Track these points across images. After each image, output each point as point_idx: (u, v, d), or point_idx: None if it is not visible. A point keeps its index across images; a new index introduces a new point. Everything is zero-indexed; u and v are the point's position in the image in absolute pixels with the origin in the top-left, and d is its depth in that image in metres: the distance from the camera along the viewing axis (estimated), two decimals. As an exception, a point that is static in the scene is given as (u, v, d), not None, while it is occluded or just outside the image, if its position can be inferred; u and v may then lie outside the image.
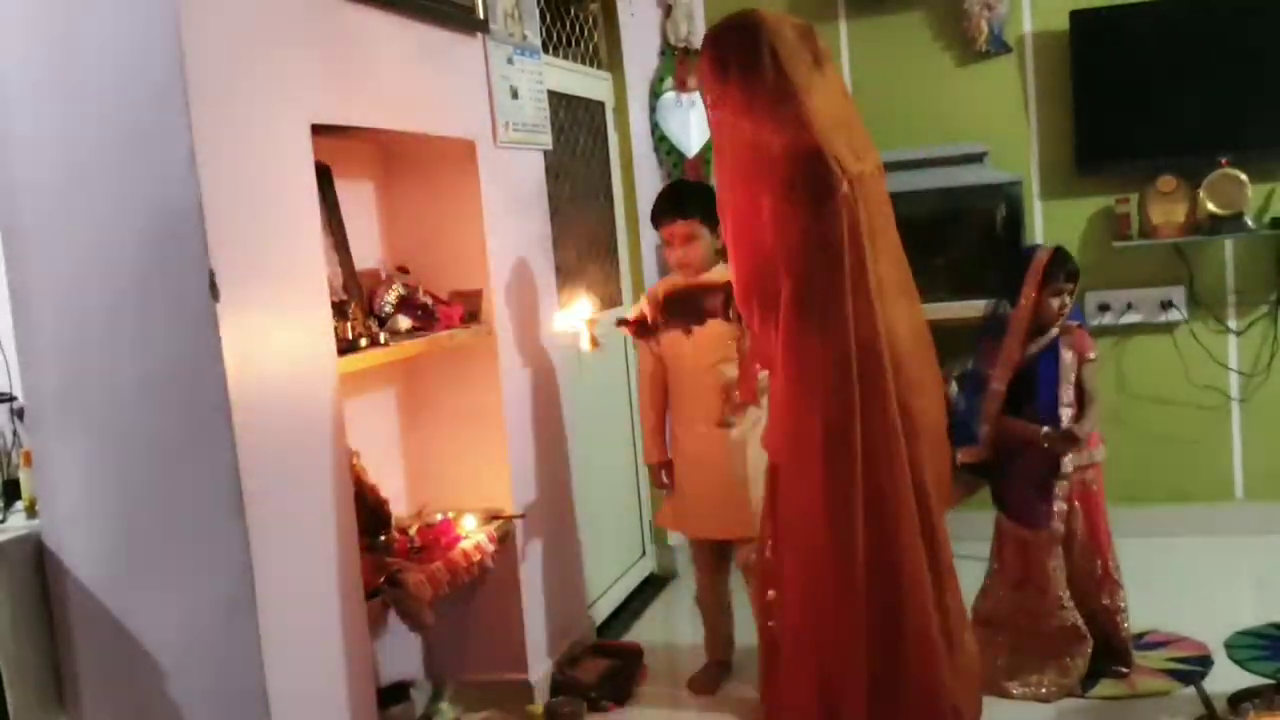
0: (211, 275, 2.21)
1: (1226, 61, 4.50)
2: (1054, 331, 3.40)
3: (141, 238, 2.23)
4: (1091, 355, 3.42)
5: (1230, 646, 3.55)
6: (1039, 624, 3.35)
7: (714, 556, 3.68)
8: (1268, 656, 3.46)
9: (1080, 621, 3.34)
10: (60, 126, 2.26)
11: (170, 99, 2.18)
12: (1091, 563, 3.39)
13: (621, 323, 3.52)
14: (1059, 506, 3.32)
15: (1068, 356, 3.37)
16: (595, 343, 3.39)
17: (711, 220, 3.34)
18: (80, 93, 2.24)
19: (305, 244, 2.55)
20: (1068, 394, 3.36)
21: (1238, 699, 3.12)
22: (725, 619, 3.73)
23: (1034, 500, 3.36)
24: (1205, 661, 3.49)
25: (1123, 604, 3.43)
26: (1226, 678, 3.33)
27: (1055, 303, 3.39)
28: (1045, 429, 3.33)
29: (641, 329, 3.45)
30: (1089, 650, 3.33)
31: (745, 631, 3.56)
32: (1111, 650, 3.41)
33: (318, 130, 2.62)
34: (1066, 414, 3.34)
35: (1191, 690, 3.31)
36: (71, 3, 2.23)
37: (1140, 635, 3.59)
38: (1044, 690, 3.31)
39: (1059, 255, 3.44)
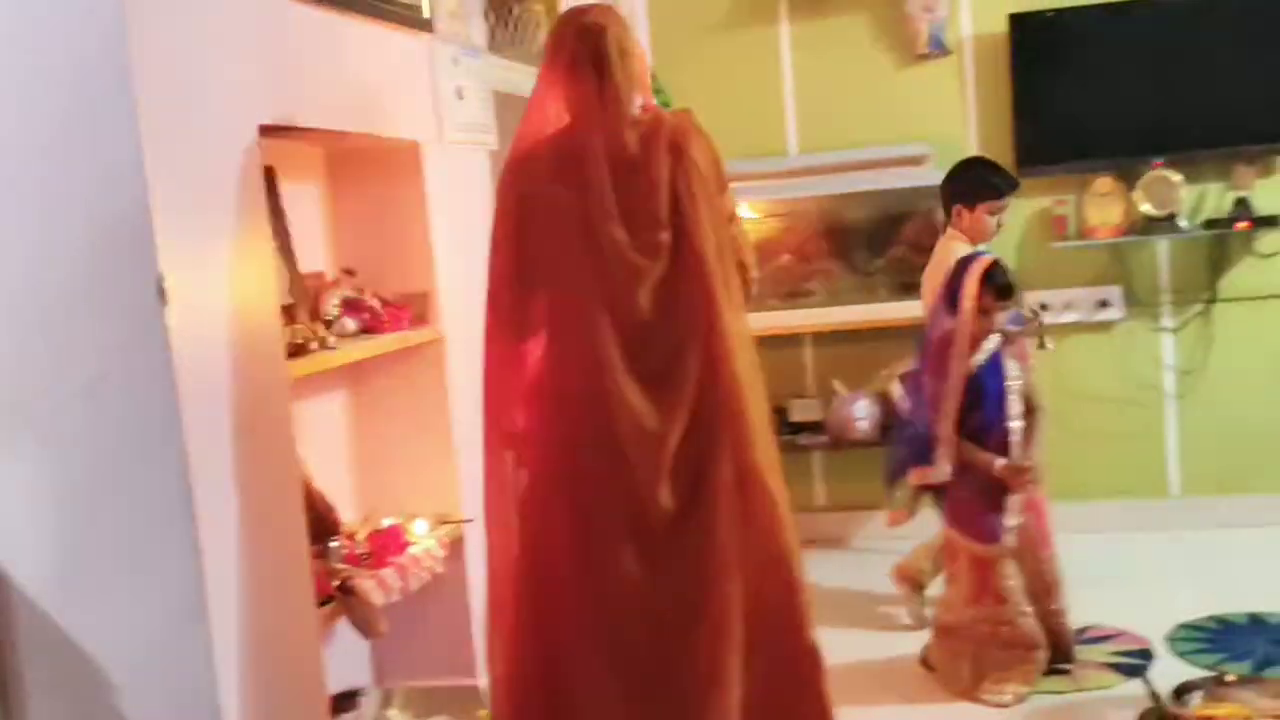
0: (160, 279, 2.15)
1: (1161, 66, 4.60)
2: (996, 340, 3.40)
3: (86, 242, 2.16)
4: (1031, 362, 3.46)
5: (1171, 640, 3.62)
6: (999, 632, 3.37)
7: None
8: (1208, 649, 3.54)
9: (1039, 629, 3.38)
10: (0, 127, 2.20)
11: (117, 99, 2.12)
12: (1038, 566, 3.43)
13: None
14: (1012, 521, 3.34)
15: (1013, 370, 3.38)
16: None
17: None
18: (21, 93, 2.17)
19: (254, 247, 2.51)
20: (1016, 406, 3.37)
21: (1180, 691, 3.18)
22: None
23: (986, 515, 3.37)
24: (1146, 655, 3.55)
25: (1064, 604, 3.49)
26: (1168, 671, 3.40)
27: (991, 321, 3.40)
28: (1000, 461, 3.35)
29: None
30: (1045, 658, 3.37)
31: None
32: (1055, 648, 3.45)
33: (261, 131, 2.58)
34: (1017, 428, 3.36)
35: (1135, 684, 3.37)
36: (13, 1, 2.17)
37: (1082, 630, 3.65)
38: (1008, 696, 3.34)
39: (991, 273, 3.42)
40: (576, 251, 2.67)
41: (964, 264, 3.48)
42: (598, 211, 2.63)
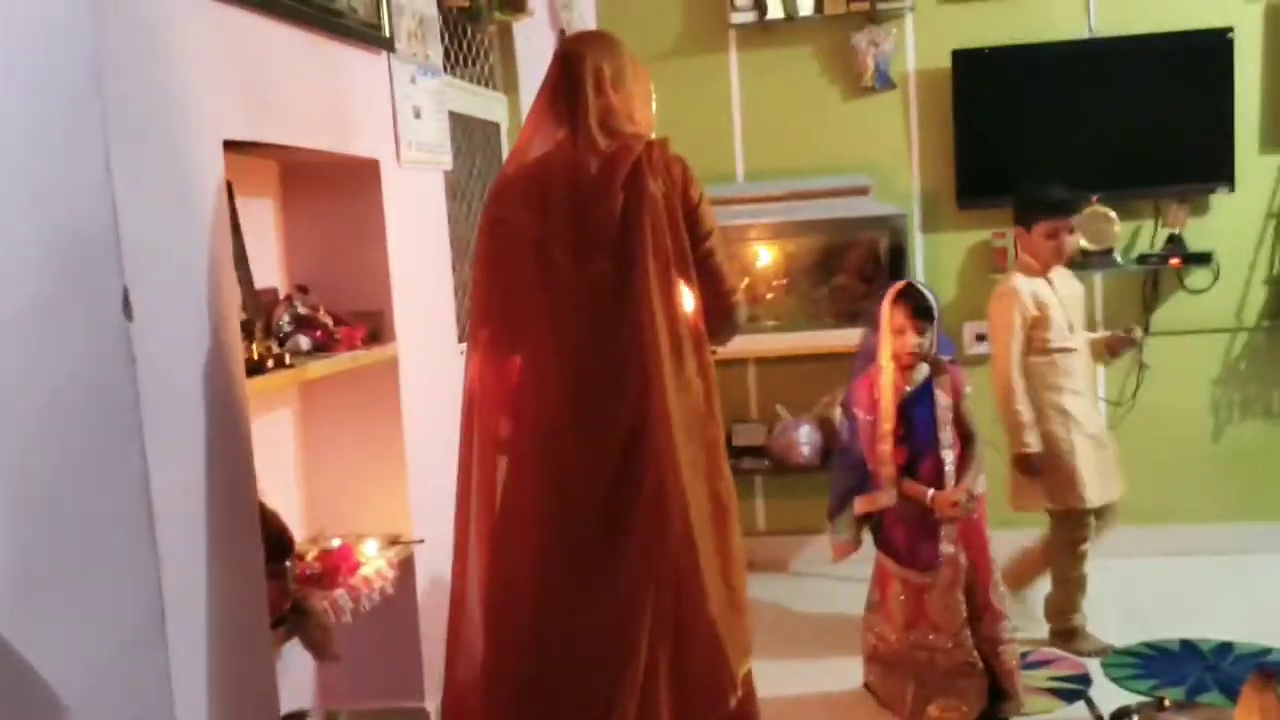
0: (125, 293, 2.13)
1: (1098, 104, 4.73)
2: (926, 369, 3.45)
3: (50, 253, 2.13)
4: (967, 390, 3.49)
5: (1107, 665, 3.71)
6: (935, 659, 3.40)
7: None
8: (1142, 675, 3.62)
9: (976, 656, 3.38)
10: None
11: (86, 109, 2.10)
12: (973, 593, 3.44)
13: None
14: (946, 549, 3.38)
15: (943, 400, 3.41)
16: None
17: None
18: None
19: (217, 262, 2.49)
20: (948, 436, 3.40)
21: (1117, 716, 3.25)
22: None
23: (921, 543, 3.41)
24: (1084, 680, 3.63)
25: (1007, 635, 3.45)
26: (1104, 696, 3.47)
27: (907, 343, 3.41)
28: (931, 492, 3.38)
29: None
30: (984, 686, 3.39)
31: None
32: (996, 675, 3.43)
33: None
34: (949, 457, 3.39)
35: (1075, 708, 3.44)
36: (-19, 8, 2.14)
37: (1022, 655, 3.70)
38: (956, 715, 3.38)
39: (904, 295, 3.47)
40: (533, 276, 2.69)
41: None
42: (550, 237, 2.66)
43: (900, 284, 3.51)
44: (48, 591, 2.20)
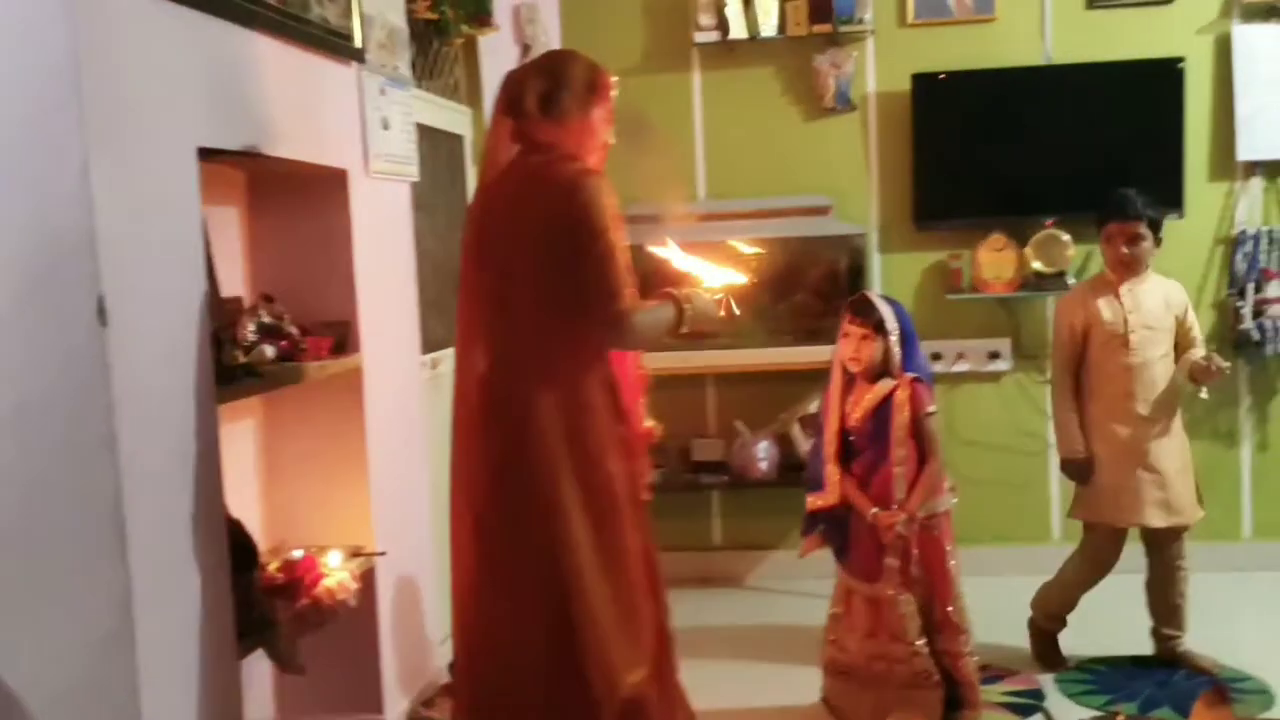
0: (101, 299, 2.12)
1: (1054, 130, 4.83)
2: (888, 384, 3.49)
3: (28, 258, 2.10)
4: (931, 409, 3.49)
5: (1060, 681, 3.76)
6: (893, 669, 3.43)
7: None
8: (1095, 691, 3.68)
9: (933, 668, 3.42)
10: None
11: (64, 116, 2.09)
12: (930, 607, 3.47)
13: None
14: (890, 562, 3.41)
15: (900, 416, 3.43)
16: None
17: None
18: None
19: (190, 269, 2.48)
20: (899, 453, 3.43)
21: (1071, 731, 3.30)
22: None
23: (873, 555, 3.45)
24: (1038, 695, 3.68)
25: (966, 648, 3.49)
26: (1058, 711, 3.52)
27: (850, 346, 3.49)
28: (874, 510, 3.43)
29: None
30: (940, 698, 3.42)
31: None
32: (952, 691, 3.46)
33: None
34: (899, 472, 3.43)
35: (1028, 723, 3.49)
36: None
37: (981, 669, 3.73)
38: None
39: (850, 301, 3.57)
40: (464, 286, 2.90)
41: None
42: (462, 250, 2.90)
43: (853, 297, 3.59)
44: (18, 594, 2.17)
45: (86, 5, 2.12)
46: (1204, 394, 3.86)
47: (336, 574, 3.13)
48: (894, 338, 3.46)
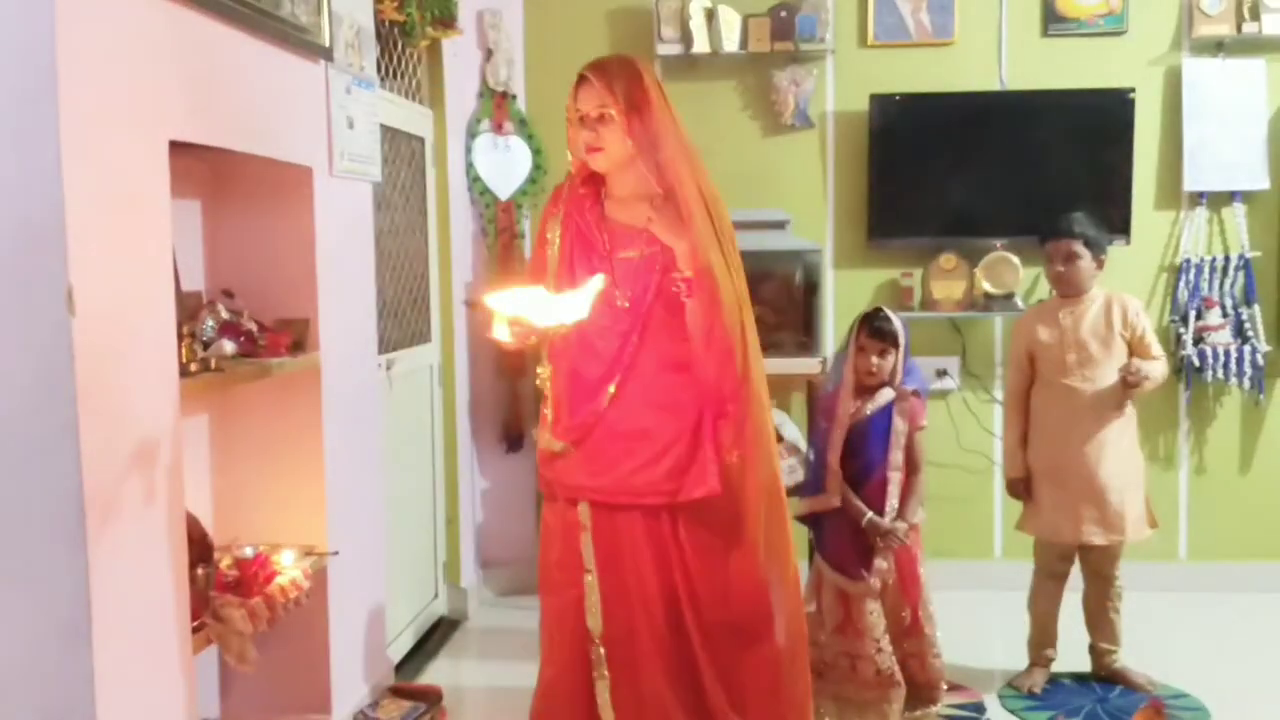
0: (70, 289, 2.10)
1: (1007, 154, 4.91)
2: (889, 394, 3.57)
3: (-6, 245, 2.10)
4: (924, 424, 3.59)
5: (1003, 698, 3.83)
6: (858, 667, 3.50)
7: None
8: (1038, 707, 3.75)
9: (896, 667, 3.51)
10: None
11: (40, 106, 2.07)
12: (899, 610, 3.57)
13: None
14: (880, 565, 3.49)
15: (899, 424, 3.53)
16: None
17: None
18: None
19: (156, 263, 2.46)
20: (897, 459, 3.52)
21: (1013, 745, 3.36)
22: None
23: (854, 552, 3.52)
24: (980, 709, 3.74)
25: (932, 650, 3.63)
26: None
27: (867, 361, 3.57)
28: (868, 516, 3.50)
29: None
30: (903, 695, 3.50)
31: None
32: (917, 692, 3.59)
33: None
34: (895, 478, 3.51)
35: (971, 736, 3.55)
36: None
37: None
38: None
39: (868, 315, 3.65)
40: None
41: None
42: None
43: (866, 311, 3.68)
44: (-30, 588, 2.15)
45: (64, -8, 2.11)
46: (1129, 407, 3.90)
47: (289, 572, 3.12)
48: (903, 352, 3.58)
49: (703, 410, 2.82)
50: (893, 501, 3.50)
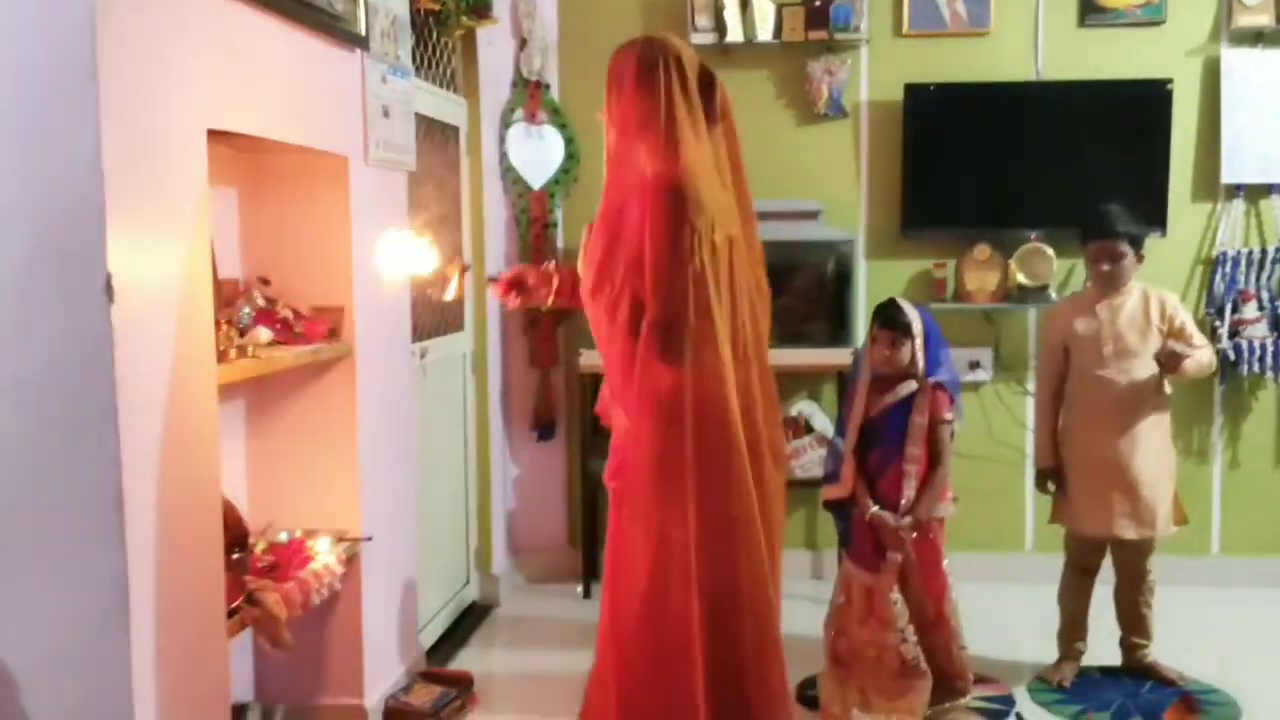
0: (109, 276, 2.13)
1: (1042, 145, 4.87)
2: (911, 386, 3.56)
3: (34, 233, 2.13)
4: (948, 417, 3.55)
5: (1033, 690, 3.82)
6: (884, 657, 3.50)
7: None
8: (1067, 700, 3.74)
9: (921, 657, 3.51)
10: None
11: (79, 83, 2.10)
12: (923, 603, 3.56)
13: None
14: (893, 557, 3.48)
15: (917, 417, 3.51)
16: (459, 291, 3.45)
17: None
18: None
19: (194, 250, 2.49)
20: (914, 452, 3.49)
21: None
22: None
23: (874, 547, 3.52)
24: (1009, 702, 3.74)
25: (957, 642, 3.63)
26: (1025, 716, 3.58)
27: (880, 352, 3.56)
28: (873, 510, 3.50)
29: None
30: (929, 686, 3.50)
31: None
32: (945, 683, 3.58)
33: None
34: (911, 471, 3.50)
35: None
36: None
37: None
38: None
39: (880, 306, 3.65)
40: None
41: None
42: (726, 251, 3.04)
43: (886, 299, 3.68)
44: (13, 567, 2.20)
45: (106, -17, 2.14)
46: (1164, 400, 3.88)
47: (323, 557, 3.16)
48: (919, 341, 3.54)
49: None
50: (908, 494, 3.49)
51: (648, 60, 2.89)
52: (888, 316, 3.58)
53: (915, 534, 3.49)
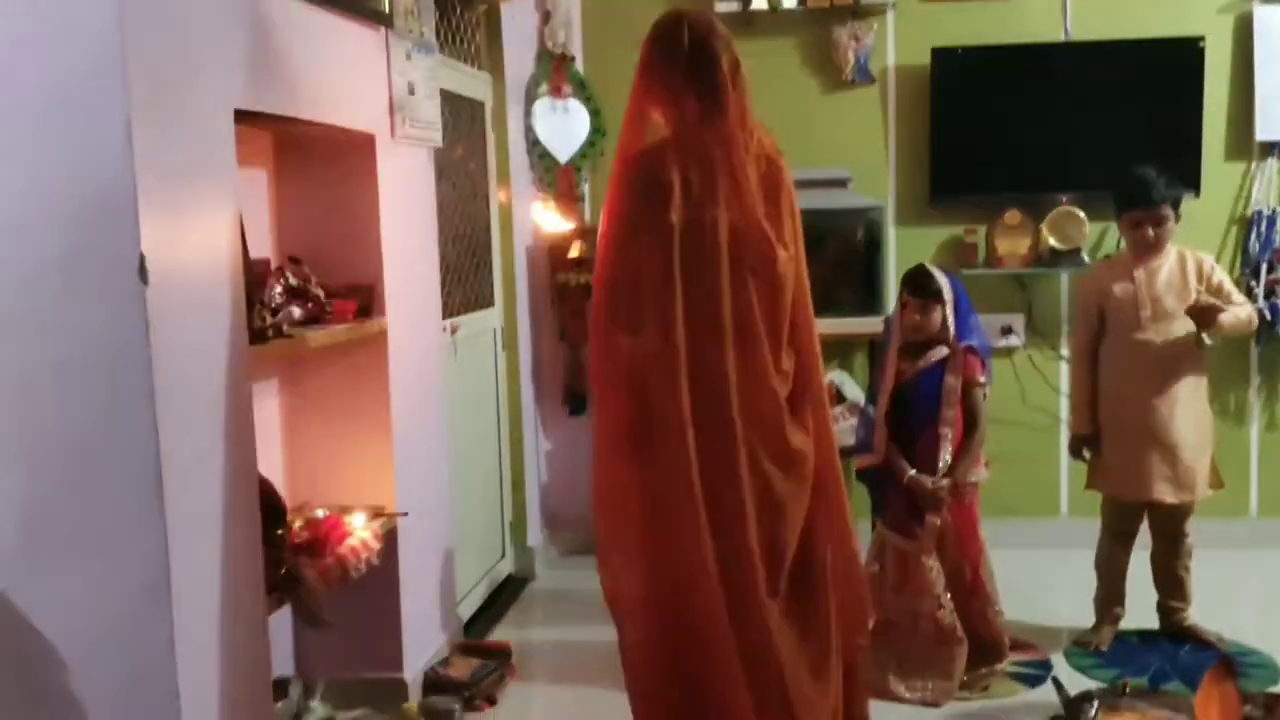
0: (142, 258, 2.15)
1: (1071, 107, 4.83)
2: (942, 351, 3.56)
3: (66, 215, 2.15)
4: (981, 379, 3.57)
5: (1070, 655, 3.82)
6: (921, 624, 3.52)
7: None
8: (1104, 664, 3.74)
9: (957, 623, 3.52)
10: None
11: (106, 69, 2.11)
12: (960, 569, 3.58)
13: None
14: (932, 521, 3.49)
15: (950, 380, 3.53)
16: None
17: None
18: (6, 53, 2.14)
19: (225, 230, 2.51)
20: (948, 415, 3.51)
21: (1080, 699, 3.34)
22: None
23: (907, 510, 3.54)
24: (1046, 666, 3.73)
25: (994, 607, 3.65)
26: (1068, 682, 3.56)
27: (910, 316, 3.58)
28: (911, 473, 3.52)
29: None
30: (965, 652, 3.52)
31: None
32: (982, 648, 3.60)
33: (233, 116, 2.58)
34: (946, 434, 3.51)
35: (1038, 691, 3.54)
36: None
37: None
38: (930, 693, 3.50)
39: (909, 272, 3.67)
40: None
41: None
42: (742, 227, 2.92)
43: (916, 266, 3.70)
44: (58, 549, 2.23)
45: (131, -33, 2.15)
46: (1208, 340, 3.85)
47: (359, 533, 3.19)
48: (949, 306, 3.55)
49: None
50: (945, 457, 3.50)
51: (652, 36, 2.87)
52: (917, 283, 3.59)
53: (952, 497, 3.50)
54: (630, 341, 2.77)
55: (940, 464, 3.50)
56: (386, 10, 3.36)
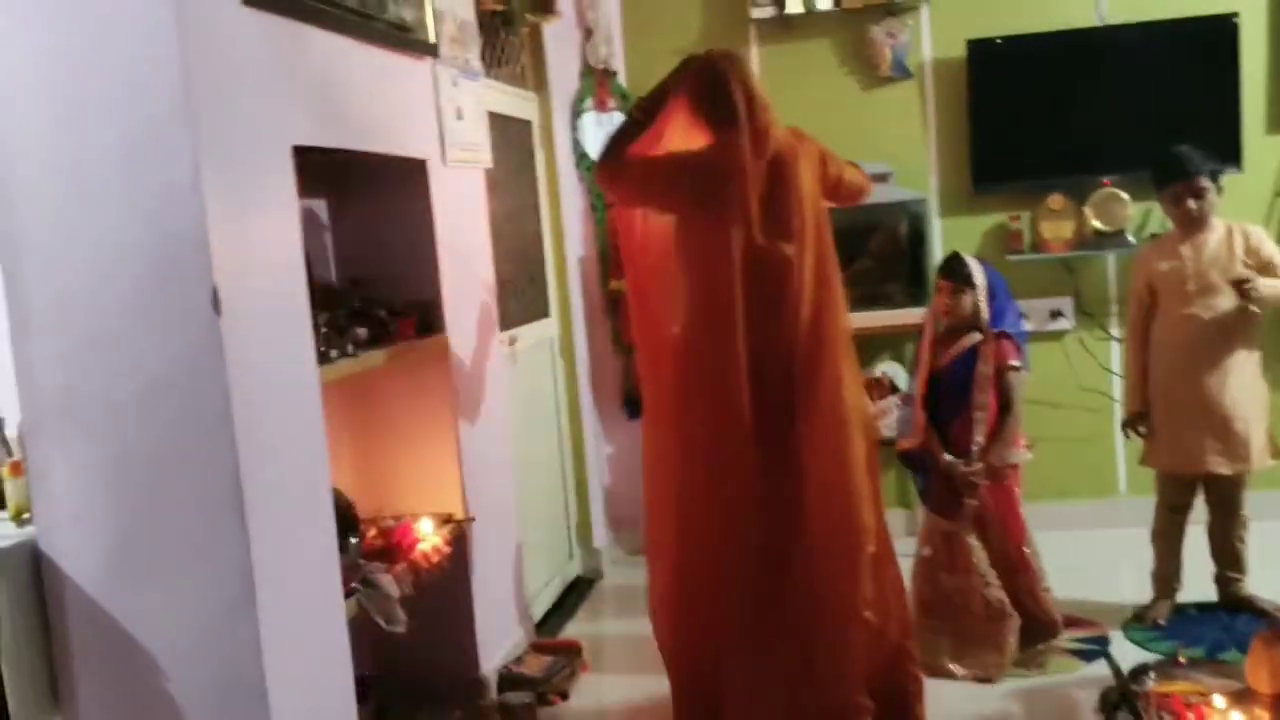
0: (215, 290, 2.33)
1: (1110, 89, 4.88)
2: (976, 337, 3.66)
3: (144, 253, 2.33)
4: (1014, 362, 3.66)
5: (1128, 630, 3.88)
6: (970, 603, 3.62)
7: None
8: (1162, 637, 3.80)
9: (1005, 599, 3.62)
10: (65, 142, 2.35)
11: (174, 118, 2.29)
12: (1005, 548, 3.68)
13: None
14: (970, 502, 3.60)
15: (983, 366, 3.63)
16: None
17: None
18: (85, 109, 2.33)
19: (289, 260, 2.68)
20: (981, 399, 3.61)
21: (1136, 672, 3.41)
22: None
23: (951, 495, 3.65)
24: (1104, 642, 3.80)
25: (1042, 583, 3.74)
26: (1125, 657, 3.64)
27: (943, 301, 3.71)
28: (947, 458, 3.64)
29: None
30: (1017, 627, 3.61)
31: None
32: (1035, 625, 3.69)
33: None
34: (980, 418, 3.61)
35: (1094, 666, 3.61)
36: (79, 22, 2.32)
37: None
38: (984, 669, 3.60)
39: (943, 260, 3.81)
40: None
41: None
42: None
43: (951, 253, 3.85)
44: (150, 566, 2.43)
45: (193, 21, 2.32)
46: (1252, 334, 3.88)
47: (430, 539, 3.35)
48: (981, 293, 3.63)
49: None
50: (978, 439, 3.59)
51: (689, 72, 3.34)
52: (949, 268, 3.74)
53: (988, 479, 3.59)
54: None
55: (974, 448, 3.59)
56: (433, 40, 3.52)
